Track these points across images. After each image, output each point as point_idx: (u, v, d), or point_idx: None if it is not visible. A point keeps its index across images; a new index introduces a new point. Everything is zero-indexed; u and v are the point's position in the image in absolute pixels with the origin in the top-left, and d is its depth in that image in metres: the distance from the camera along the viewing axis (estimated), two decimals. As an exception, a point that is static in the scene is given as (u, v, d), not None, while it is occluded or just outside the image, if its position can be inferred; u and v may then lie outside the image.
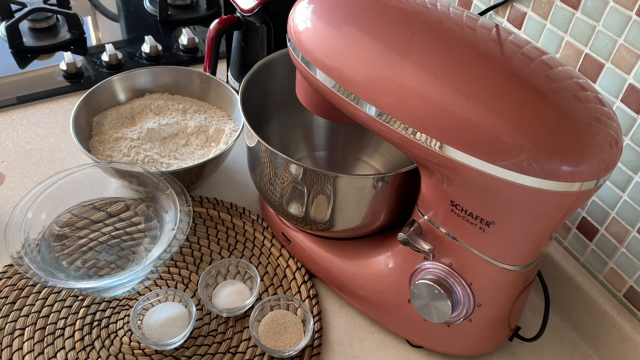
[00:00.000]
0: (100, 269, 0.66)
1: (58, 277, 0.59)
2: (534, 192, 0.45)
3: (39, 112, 0.90)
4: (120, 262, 0.67)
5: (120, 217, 0.70)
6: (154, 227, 0.68)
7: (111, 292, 0.63)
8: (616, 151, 0.46)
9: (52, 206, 0.66)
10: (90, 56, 1.00)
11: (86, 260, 0.66)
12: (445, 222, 0.54)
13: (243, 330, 0.64)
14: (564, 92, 0.45)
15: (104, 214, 0.70)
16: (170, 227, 0.63)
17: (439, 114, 0.46)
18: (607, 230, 0.63)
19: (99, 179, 0.71)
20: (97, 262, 0.67)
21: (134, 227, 0.70)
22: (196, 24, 1.10)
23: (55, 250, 0.64)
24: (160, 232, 0.66)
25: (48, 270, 0.59)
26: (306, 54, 0.53)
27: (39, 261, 0.60)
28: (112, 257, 0.67)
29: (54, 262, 0.63)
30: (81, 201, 0.69)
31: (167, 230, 0.64)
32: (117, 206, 0.71)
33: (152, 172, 0.68)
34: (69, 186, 0.67)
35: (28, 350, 0.61)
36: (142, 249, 0.68)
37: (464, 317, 0.57)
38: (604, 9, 0.56)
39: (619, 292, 0.64)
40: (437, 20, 0.50)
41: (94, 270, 0.66)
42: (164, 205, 0.67)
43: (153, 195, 0.69)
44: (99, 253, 0.67)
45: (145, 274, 0.61)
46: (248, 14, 0.76)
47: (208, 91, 0.85)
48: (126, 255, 0.68)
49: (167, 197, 0.66)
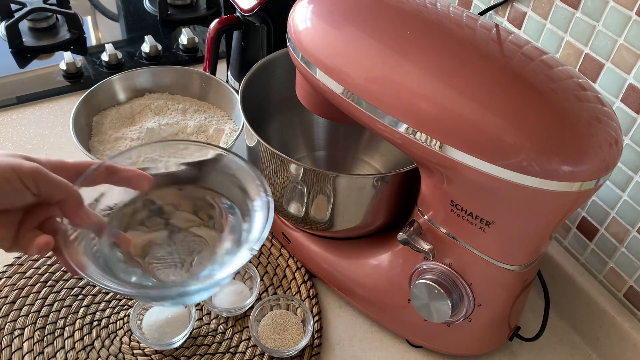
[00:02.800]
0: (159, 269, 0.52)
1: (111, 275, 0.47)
2: (534, 192, 0.45)
3: (39, 112, 0.90)
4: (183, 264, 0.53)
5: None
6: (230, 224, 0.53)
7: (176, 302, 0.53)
8: (616, 151, 0.46)
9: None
10: (90, 56, 1.00)
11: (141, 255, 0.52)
12: (445, 222, 0.54)
13: (243, 330, 0.64)
14: (564, 91, 0.45)
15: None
16: (250, 245, 0.48)
17: (439, 114, 0.46)
18: (607, 230, 0.63)
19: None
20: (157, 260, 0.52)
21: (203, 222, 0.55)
22: (196, 24, 1.10)
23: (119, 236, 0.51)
24: (237, 232, 0.52)
25: (103, 264, 0.47)
26: (306, 53, 0.53)
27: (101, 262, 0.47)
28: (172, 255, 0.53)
29: (109, 250, 0.50)
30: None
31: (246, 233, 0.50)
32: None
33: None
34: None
35: (28, 350, 0.61)
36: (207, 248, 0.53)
37: (463, 317, 0.57)
38: (604, 9, 0.56)
39: (618, 291, 0.64)
40: (437, 20, 0.50)
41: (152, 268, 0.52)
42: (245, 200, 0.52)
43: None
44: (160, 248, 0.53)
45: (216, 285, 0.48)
46: (248, 13, 0.76)
47: (208, 91, 0.85)
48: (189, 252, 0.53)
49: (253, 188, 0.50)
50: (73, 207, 0.44)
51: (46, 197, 0.43)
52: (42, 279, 0.67)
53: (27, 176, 0.42)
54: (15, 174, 0.41)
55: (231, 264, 0.47)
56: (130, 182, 0.49)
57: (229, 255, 0.49)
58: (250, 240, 0.48)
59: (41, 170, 0.42)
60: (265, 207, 0.48)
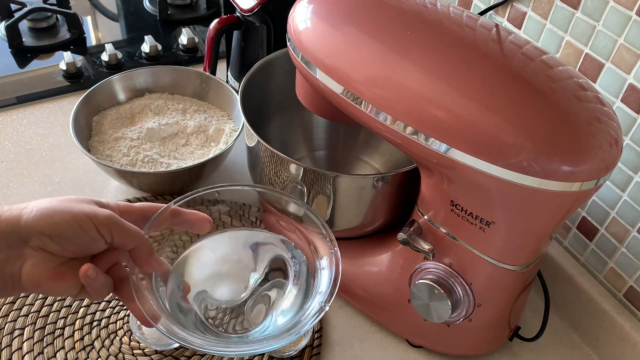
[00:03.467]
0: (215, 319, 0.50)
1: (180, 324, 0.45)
2: (534, 192, 0.45)
3: (39, 111, 0.90)
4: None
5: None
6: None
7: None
8: (616, 151, 0.46)
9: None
10: (89, 56, 1.00)
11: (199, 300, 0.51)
12: (445, 222, 0.54)
13: (243, 330, 0.64)
14: (564, 91, 0.45)
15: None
16: (320, 298, 0.45)
17: (439, 114, 0.46)
18: (607, 230, 0.63)
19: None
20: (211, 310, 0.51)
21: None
22: (196, 24, 1.10)
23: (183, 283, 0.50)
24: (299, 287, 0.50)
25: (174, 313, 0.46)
26: (306, 53, 0.53)
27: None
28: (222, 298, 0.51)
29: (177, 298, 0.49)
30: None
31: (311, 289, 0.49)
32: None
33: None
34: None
35: (28, 350, 0.61)
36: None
37: (463, 317, 0.57)
38: (604, 9, 0.56)
39: (619, 291, 0.64)
40: (437, 20, 0.50)
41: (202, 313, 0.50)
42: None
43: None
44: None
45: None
46: (248, 13, 0.76)
47: (208, 91, 0.85)
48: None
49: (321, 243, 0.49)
50: (145, 255, 0.44)
51: (118, 245, 0.43)
52: (42, 279, 0.67)
53: (102, 225, 0.42)
54: (91, 222, 0.41)
55: (305, 319, 0.45)
56: (193, 225, 0.49)
57: (293, 305, 0.49)
58: (319, 292, 0.46)
59: (115, 219, 0.42)
60: (332, 259, 0.47)
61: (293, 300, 0.50)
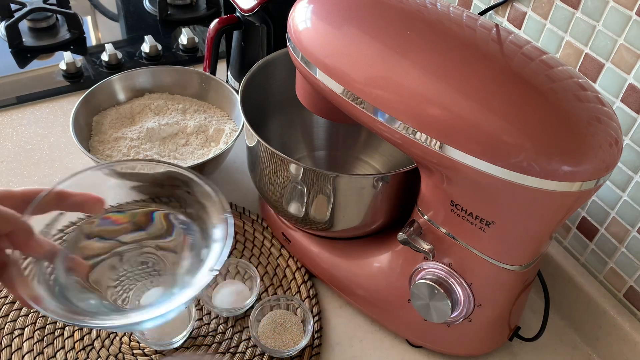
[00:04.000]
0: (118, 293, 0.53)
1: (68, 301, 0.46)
2: (534, 192, 0.45)
3: (39, 111, 0.90)
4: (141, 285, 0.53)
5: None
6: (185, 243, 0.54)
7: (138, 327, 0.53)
8: (616, 151, 0.46)
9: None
10: (89, 56, 1.00)
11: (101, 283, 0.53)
12: (445, 222, 0.54)
13: (243, 330, 0.64)
14: (564, 91, 0.45)
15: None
16: (210, 264, 0.47)
17: (439, 114, 0.46)
18: (607, 230, 0.63)
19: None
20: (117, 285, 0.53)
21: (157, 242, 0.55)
22: (196, 24, 1.10)
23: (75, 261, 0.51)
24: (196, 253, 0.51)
25: (60, 293, 0.47)
26: (306, 53, 0.53)
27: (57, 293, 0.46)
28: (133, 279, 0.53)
29: (66, 276, 0.50)
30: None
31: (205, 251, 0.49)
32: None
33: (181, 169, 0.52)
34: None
35: (28, 350, 0.61)
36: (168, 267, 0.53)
37: (464, 317, 0.57)
38: (604, 9, 0.56)
39: (619, 292, 0.64)
40: (437, 20, 0.50)
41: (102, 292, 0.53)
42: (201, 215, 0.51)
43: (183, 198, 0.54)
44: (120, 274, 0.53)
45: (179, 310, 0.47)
46: (248, 13, 0.76)
47: (208, 91, 0.85)
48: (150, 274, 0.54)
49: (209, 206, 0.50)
50: (23, 239, 0.43)
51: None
52: (42, 279, 0.67)
53: None
54: None
55: (191, 286, 0.45)
56: (83, 206, 0.48)
57: (188, 276, 0.48)
58: (211, 258, 0.46)
59: None
60: (223, 224, 0.47)
61: (189, 270, 0.49)
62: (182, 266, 0.50)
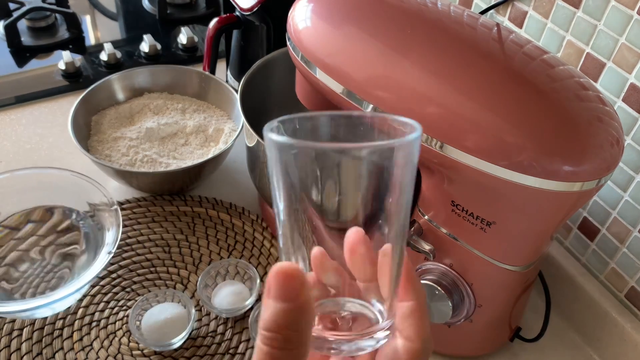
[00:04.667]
0: (22, 288, 0.61)
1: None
2: (535, 192, 0.45)
3: (38, 111, 0.90)
4: (47, 281, 0.61)
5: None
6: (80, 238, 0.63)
7: (32, 315, 0.60)
8: (617, 151, 0.45)
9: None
10: (88, 55, 0.99)
11: (9, 277, 0.61)
12: (445, 223, 0.54)
13: (242, 331, 0.64)
14: (565, 91, 0.45)
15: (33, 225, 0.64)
16: (108, 248, 0.57)
17: (440, 113, 0.46)
18: (609, 230, 0.63)
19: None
20: (20, 278, 0.61)
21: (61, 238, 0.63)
22: (195, 23, 1.09)
23: None
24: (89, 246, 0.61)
25: None
26: (306, 53, 0.52)
27: None
28: (36, 273, 0.61)
29: None
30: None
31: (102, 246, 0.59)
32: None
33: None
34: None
35: (26, 351, 0.61)
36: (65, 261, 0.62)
37: (464, 317, 0.57)
38: (605, 8, 0.56)
39: (620, 292, 0.64)
40: (438, 19, 0.50)
41: (15, 288, 0.60)
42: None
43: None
44: (24, 269, 0.61)
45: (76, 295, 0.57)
46: (247, 12, 0.76)
47: (207, 90, 0.85)
48: (53, 271, 0.62)
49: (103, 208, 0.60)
50: None
51: None
52: (40, 279, 0.67)
53: None
54: None
55: (86, 273, 0.55)
56: None
57: (84, 268, 0.57)
58: (108, 244, 0.57)
59: None
60: (113, 213, 0.58)
61: (86, 261, 0.59)
62: (82, 260, 0.61)
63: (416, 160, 0.29)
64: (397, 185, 0.29)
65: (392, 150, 0.28)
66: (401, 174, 0.28)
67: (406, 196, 0.29)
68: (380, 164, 0.28)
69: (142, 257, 0.70)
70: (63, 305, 0.59)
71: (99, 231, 0.60)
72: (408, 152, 0.28)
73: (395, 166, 0.28)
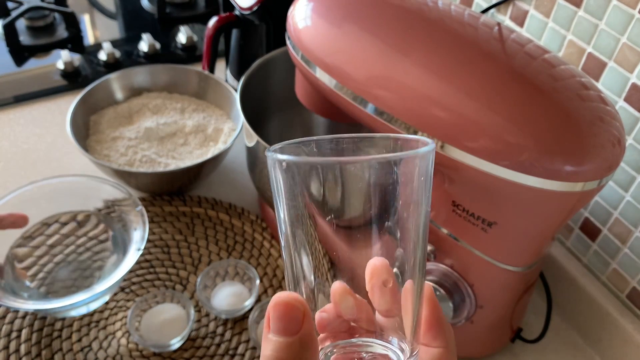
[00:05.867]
0: (56, 288, 0.64)
1: (20, 298, 0.58)
2: (537, 192, 0.45)
3: (36, 111, 0.89)
4: (78, 281, 0.65)
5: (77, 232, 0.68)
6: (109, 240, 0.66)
7: (68, 313, 0.62)
8: (619, 151, 0.45)
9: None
10: (87, 55, 0.99)
11: (45, 279, 0.64)
12: (446, 223, 0.53)
13: (242, 332, 0.64)
14: (566, 91, 0.45)
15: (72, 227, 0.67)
16: (136, 246, 0.61)
17: (441, 113, 0.46)
18: (610, 231, 0.63)
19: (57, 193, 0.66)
20: (54, 281, 0.64)
21: (93, 241, 0.67)
22: (194, 22, 1.09)
23: (15, 269, 0.63)
24: (119, 247, 0.64)
25: (10, 290, 0.58)
26: (306, 52, 0.52)
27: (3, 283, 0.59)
28: (69, 275, 0.65)
29: (15, 282, 0.62)
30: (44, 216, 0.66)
31: (131, 246, 0.62)
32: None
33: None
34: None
35: (25, 352, 0.60)
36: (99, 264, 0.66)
37: (465, 318, 0.56)
38: (606, 8, 0.56)
39: (621, 293, 0.64)
40: (439, 19, 0.50)
41: (50, 288, 0.64)
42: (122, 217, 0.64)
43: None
44: (57, 271, 0.65)
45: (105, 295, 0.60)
46: (247, 11, 0.76)
47: (206, 90, 0.84)
48: (84, 272, 0.65)
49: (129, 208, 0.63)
50: None
51: None
52: (39, 280, 0.67)
53: None
54: None
55: (119, 270, 0.58)
56: (4, 223, 0.55)
57: (115, 266, 0.60)
58: (136, 241, 0.60)
59: None
60: (139, 214, 0.62)
61: (116, 261, 0.63)
62: (110, 262, 0.64)
63: (430, 174, 0.28)
64: (409, 201, 0.27)
65: (403, 162, 0.27)
66: (415, 187, 0.27)
67: (423, 209, 0.28)
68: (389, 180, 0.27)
69: (141, 257, 0.69)
70: (97, 303, 0.63)
71: (125, 232, 0.64)
72: (422, 164, 0.27)
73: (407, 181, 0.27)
